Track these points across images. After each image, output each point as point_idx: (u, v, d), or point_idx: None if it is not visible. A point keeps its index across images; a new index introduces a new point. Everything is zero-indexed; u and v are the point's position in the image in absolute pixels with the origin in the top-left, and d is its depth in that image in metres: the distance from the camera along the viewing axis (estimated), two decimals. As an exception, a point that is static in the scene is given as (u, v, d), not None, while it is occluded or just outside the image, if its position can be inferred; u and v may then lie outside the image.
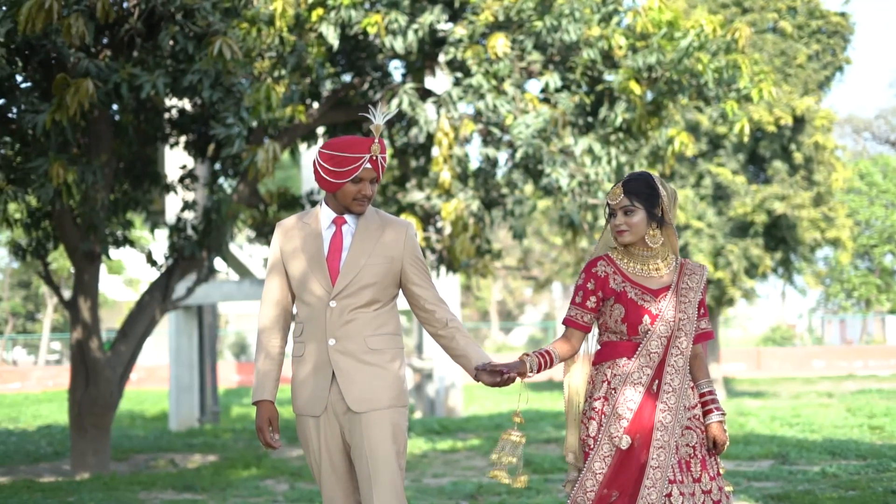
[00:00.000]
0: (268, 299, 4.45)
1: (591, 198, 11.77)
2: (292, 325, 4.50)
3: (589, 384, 4.53)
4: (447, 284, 21.36)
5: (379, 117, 4.40)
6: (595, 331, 4.58)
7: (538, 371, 4.41)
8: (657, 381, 4.39)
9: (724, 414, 4.44)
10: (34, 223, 12.65)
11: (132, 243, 14.08)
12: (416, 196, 12.96)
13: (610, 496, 4.30)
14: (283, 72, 9.93)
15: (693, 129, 21.93)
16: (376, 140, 4.34)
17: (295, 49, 10.17)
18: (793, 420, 15.67)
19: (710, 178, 22.40)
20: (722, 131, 20.92)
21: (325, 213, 4.46)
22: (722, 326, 42.04)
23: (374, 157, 4.32)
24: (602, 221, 13.76)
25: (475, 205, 11.62)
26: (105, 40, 10.00)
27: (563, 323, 4.55)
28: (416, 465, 11.83)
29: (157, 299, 12.47)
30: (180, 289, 12.99)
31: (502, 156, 12.03)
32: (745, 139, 12.68)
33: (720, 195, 22.54)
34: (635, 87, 11.26)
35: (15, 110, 9.49)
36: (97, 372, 11.81)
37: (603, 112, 11.75)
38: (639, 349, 4.41)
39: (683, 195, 22.16)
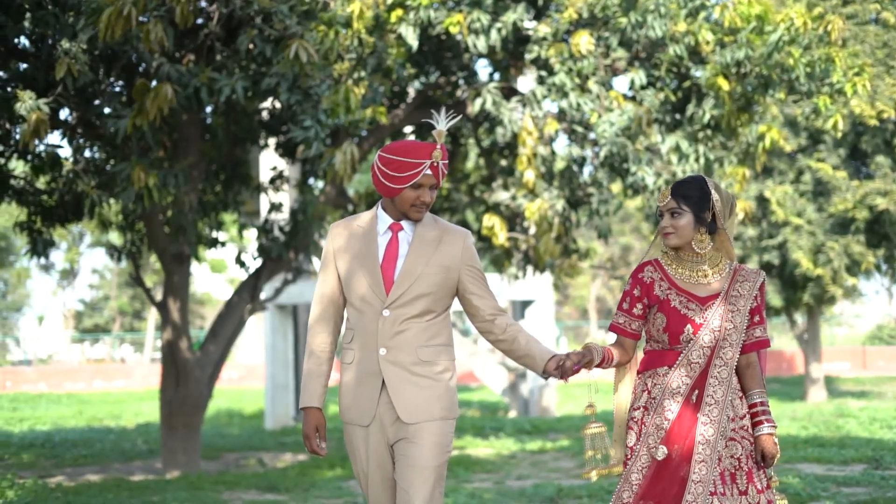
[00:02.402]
0: (319, 301, 4.36)
1: (679, 196, 11.56)
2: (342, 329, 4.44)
3: (632, 394, 4.43)
4: (539, 284, 21.27)
5: (442, 123, 4.29)
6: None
7: (599, 364, 4.34)
8: (697, 392, 4.26)
9: (774, 426, 4.30)
10: (129, 225, 12.89)
11: (223, 244, 14.29)
12: (501, 196, 12.88)
13: None
14: (363, 73, 9.93)
15: (792, 123, 21.48)
16: (438, 146, 4.24)
17: (375, 50, 10.17)
18: (894, 422, 15.24)
19: (810, 174, 21.90)
20: (820, 126, 20.44)
21: (381, 218, 4.35)
22: (826, 325, 41.21)
23: (435, 164, 4.22)
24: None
25: (560, 204, 11.50)
26: (191, 45, 10.12)
27: (610, 329, 4.45)
28: (501, 467, 11.77)
29: (245, 300, 12.61)
30: (270, 289, 13.11)
31: (588, 154, 11.89)
32: (839, 134, 12.34)
33: (820, 191, 22.02)
34: (723, 83, 11.03)
35: (102, 115, 9.63)
36: (187, 372, 11.98)
37: (690, 109, 11.56)
38: (679, 359, 4.29)
39: (782, 191, 21.73)
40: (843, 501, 8.25)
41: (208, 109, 11.86)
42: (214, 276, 49.28)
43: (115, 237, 19.74)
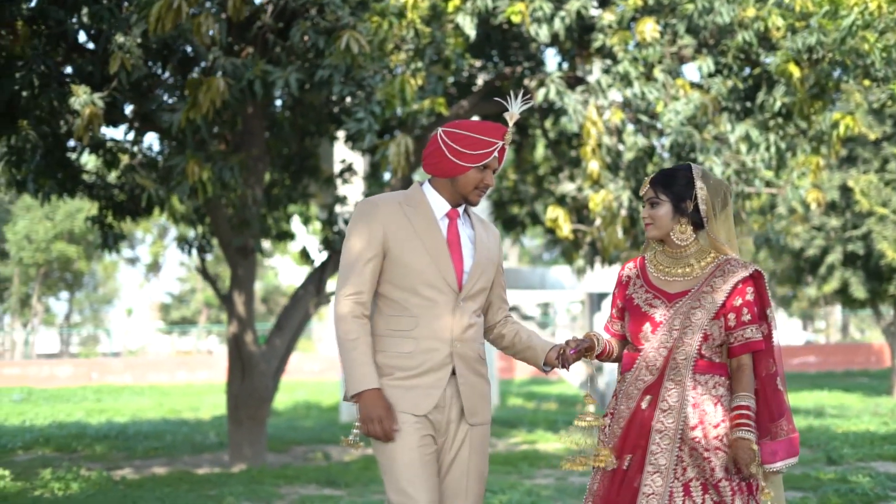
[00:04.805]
0: (359, 281, 3.99)
1: (748, 186, 11.29)
2: (378, 315, 4.12)
3: None
4: (615, 276, 21.01)
5: (515, 106, 4.10)
6: None
7: (600, 355, 4.15)
8: (651, 398, 3.98)
9: (751, 430, 3.91)
10: (199, 218, 12.96)
11: (293, 237, 14.31)
12: (567, 187, 12.69)
13: None
14: (420, 64, 9.80)
15: (877, 111, 20.91)
16: (510, 129, 4.07)
17: (433, 41, 10.04)
18: (980, 418, 14.77)
19: (896, 162, 21.33)
20: (902, 113, 19.87)
21: (437, 203, 4.10)
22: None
23: (505, 147, 4.04)
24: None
25: (625, 195, 11.25)
26: (248, 38, 10.09)
27: (604, 329, 4.28)
28: (567, 462, 11.58)
29: (310, 293, 12.58)
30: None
31: (656, 144, 11.63)
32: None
33: (906, 180, 21.44)
34: (795, 70, 10.70)
35: (158, 109, 9.65)
36: (252, 365, 11.99)
37: (761, 96, 11.25)
38: (638, 360, 4.04)
39: (867, 180, 21.16)
40: (910, 502, 7.96)
41: (278, 103, 11.86)
42: (299, 268, 49.62)
43: (186, 230, 19.93)
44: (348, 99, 9.60)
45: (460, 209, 4.15)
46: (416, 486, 3.93)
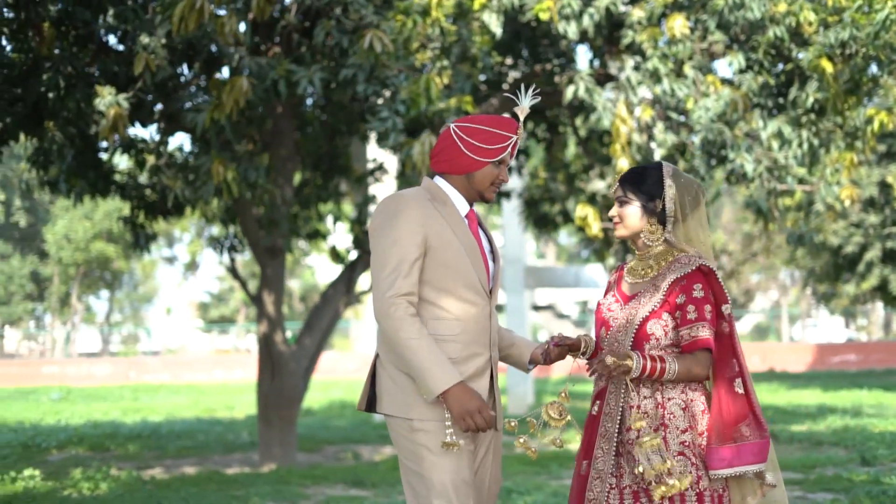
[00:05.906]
0: (409, 282, 3.81)
1: (780, 183, 11.15)
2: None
3: None
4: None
5: (525, 101, 4.03)
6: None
7: (592, 357, 4.02)
8: (598, 402, 3.92)
9: (639, 362, 3.74)
10: (231, 218, 12.97)
11: (324, 236, 14.30)
12: (597, 185, 12.60)
13: None
14: (446, 62, 9.73)
15: (916, 106, 20.62)
16: (521, 123, 3.99)
17: (459, 39, 9.97)
18: None
19: (935, 158, 21.05)
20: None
21: (458, 201, 3.98)
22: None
23: (517, 141, 3.98)
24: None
25: (654, 193, 11.12)
26: (273, 38, 10.08)
27: None
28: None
29: (340, 292, 12.57)
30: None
31: (686, 141, 11.51)
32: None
33: (946, 176, 21.15)
34: (827, 66, 10.55)
35: (183, 109, 9.66)
36: (282, 365, 11.99)
37: (793, 92, 11.10)
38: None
39: (906, 177, 20.91)
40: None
41: (308, 102, 11.84)
42: (336, 267, 49.72)
43: (222, 230, 20.02)
44: (373, 98, 9.55)
45: (474, 209, 4.09)
46: (463, 495, 3.84)
